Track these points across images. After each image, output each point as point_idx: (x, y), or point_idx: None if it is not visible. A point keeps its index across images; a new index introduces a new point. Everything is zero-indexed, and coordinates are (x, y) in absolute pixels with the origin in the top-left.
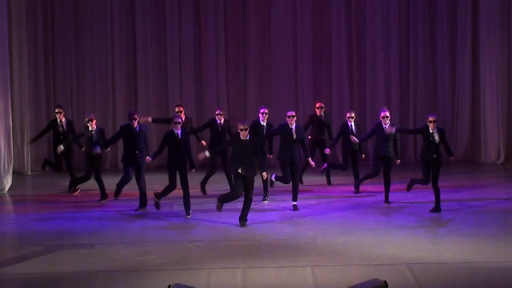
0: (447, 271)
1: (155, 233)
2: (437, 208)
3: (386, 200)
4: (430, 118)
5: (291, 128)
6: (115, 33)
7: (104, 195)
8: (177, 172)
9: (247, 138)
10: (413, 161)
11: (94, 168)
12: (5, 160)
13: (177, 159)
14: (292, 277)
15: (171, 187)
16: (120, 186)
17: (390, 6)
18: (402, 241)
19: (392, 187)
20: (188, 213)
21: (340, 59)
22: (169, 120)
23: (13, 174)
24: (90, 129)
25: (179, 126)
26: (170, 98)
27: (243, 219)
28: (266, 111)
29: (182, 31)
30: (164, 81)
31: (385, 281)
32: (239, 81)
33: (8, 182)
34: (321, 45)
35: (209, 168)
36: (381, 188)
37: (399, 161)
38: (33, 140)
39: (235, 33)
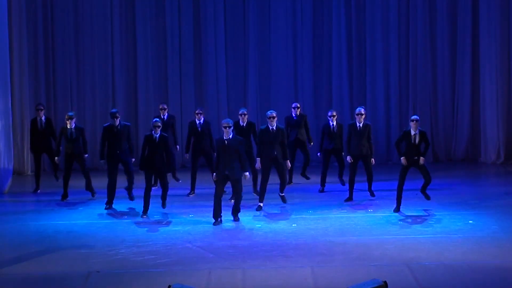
0: (447, 271)
1: (155, 233)
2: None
3: (371, 192)
4: (413, 119)
5: (272, 129)
6: (115, 33)
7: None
8: (154, 174)
9: (230, 137)
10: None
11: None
12: (5, 160)
13: (152, 162)
14: (292, 277)
15: (146, 188)
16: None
17: (389, 6)
18: (402, 241)
19: (390, 186)
20: (164, 205)
21: (340, 58)
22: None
23: (13, 174)
24: (68, 127)
25: (159, 129)
26: (170, 98)
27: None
28: (246, 112)
29: (182, 31)
30: (164, 81)
31: (385, 281)
32: (239, 81)
33: (8, 182)
34: (321, 45)
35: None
36: (382, 188)
37: (373, 160)
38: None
39: (235, 33)
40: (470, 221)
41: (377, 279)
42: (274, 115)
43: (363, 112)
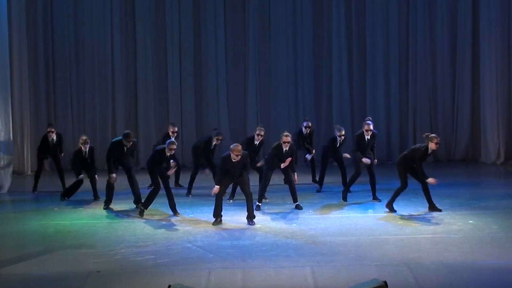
0: (447, 271)
1: (155, 233)
2: (433, 207)
3: (374, 197)
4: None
5: (285, 150)
6: (115, 33)
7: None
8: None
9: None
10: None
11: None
12: (5, 160)
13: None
14: (292, 277)
15: (156, 190)
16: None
17: (390, 6)
18: (402, 241)
19: (390, 187)
20: (176, 213)
21: (340, 59)
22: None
23: (13, 174)
24: (83, 150)
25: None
26: (170, 98)
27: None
28: (262, 132)
29: (182, 31)
30: (164, 81)
31: (385, 281)
32: (239, 81)
33: (8, 182)
34: (321, 44)
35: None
36: (382, 188)
37: (376, 160)
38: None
39: (235, 33)
40: (470, 221)
41: (377, 279)
42: (289, 139)
43: (371, 128)
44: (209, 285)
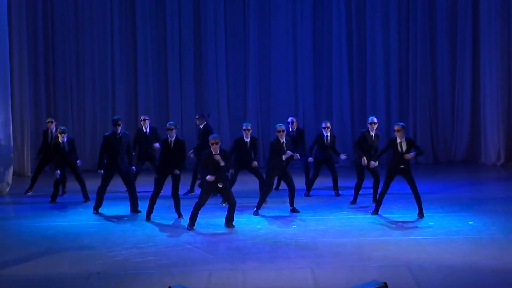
0: (446, 272)
1: (155, 235)
2: (421, 214)
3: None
4: (395, 127)
5: (282, 141)
6: (115, 33)
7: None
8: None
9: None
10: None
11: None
12: (5, 162)
13: (168, 166)
14: (293, 279)
15: (157, 192)
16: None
17: (390, 7)
18: (402, 242)
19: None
20: (180, 216)
21: (340, 59)
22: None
23: (13, 175)
24: (60, 141)
25: (174, 133)
26: (170, 98)
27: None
28: (249, 127)
29: (182, 31)
30: (164, 81)
31: (385, 282)
32: (239, 81)
33: (8, 183)
34: (321, 45)
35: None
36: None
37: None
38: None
39: (235, 33)
40: (470, 223)
41: (377, 280)
42: (283, 128)
43: (376, 121)
44: (209, 287)
